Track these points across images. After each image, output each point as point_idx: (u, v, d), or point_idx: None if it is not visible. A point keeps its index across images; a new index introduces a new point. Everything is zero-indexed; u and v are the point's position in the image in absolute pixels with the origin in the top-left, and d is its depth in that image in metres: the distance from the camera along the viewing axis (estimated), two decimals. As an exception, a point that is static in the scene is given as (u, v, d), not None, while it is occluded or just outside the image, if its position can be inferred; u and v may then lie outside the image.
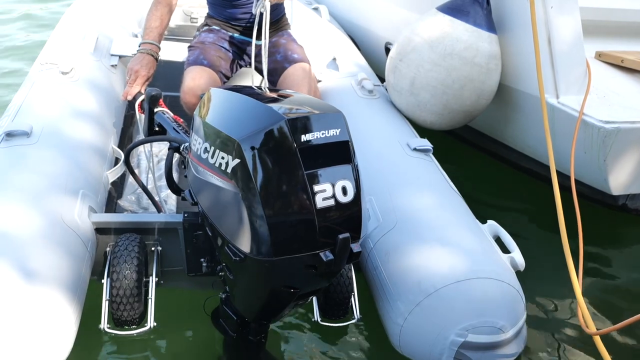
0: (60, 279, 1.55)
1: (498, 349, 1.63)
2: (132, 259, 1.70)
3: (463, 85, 2.43)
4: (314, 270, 1.38)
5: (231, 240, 1.42)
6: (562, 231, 2.01)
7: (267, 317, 1.61)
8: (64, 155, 1.92)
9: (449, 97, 2.46)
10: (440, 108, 2.50)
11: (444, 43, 2.41)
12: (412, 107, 2.55)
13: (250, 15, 2.72)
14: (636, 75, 2.66)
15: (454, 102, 2.47)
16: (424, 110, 2.52)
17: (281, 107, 1.39)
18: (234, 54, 2.71)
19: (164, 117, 2.01)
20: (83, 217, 1.76)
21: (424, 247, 1.74)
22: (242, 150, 1.34)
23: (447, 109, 2.49)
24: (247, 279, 1.51)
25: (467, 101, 2.48)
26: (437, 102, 2.48)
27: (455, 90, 2.44)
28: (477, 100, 2.49)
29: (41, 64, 2.44)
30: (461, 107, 2.49)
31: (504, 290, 1.65)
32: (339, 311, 1.84)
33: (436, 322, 1.61)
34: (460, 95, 2.45)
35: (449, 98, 2.46)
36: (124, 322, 1.71)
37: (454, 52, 2.40)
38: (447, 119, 2.55)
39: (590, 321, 1.79)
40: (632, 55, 2.73)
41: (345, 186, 1.37)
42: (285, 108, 1.39)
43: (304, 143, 1.33)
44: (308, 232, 1.33)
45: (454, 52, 2.40)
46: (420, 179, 2.04)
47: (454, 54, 2.40)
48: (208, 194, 1.47)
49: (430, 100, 2.48)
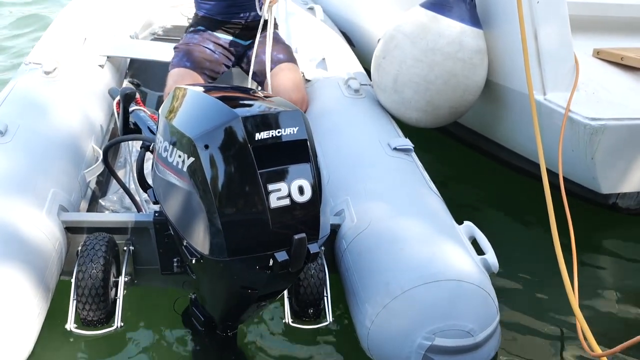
0: (21, 277, 1.54)
1: (467, 353, 1.58)
2: (98, 259, 1.69)
3: (446, 81, 2.39)
4: (270, 272, 1.35)
5: (188, 240, 1.40)
6: (555, 238, 1.93)
7: (231, 318, 1.59)
8: (37, 155, 1.92)
9: (432, 93, 2.42)
10: (424, 104, 2.46)
11: (426, 39, 2.38)
12: (397, 105, 2.51)
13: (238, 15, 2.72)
14: (636, 73, 2.59)
15: (438, 98, 2.43)
16: (409, 107, 2.49)
17: (238, 105, 1.37)
18: (220, 54, 2.71)
19: (140, 116, 2.00)
20: (52, 216, 1.75)
21: (394, 249, 1.71)
22: (196, 149, 1.32)
23: (431, 105, 2.46)
24: (207, 279, 1.50)
25: (452, 97, 2.44)
26: (420, 99, 2.45)
27: (438, 85, 2.40)
28: (463, 96, 2.45)
29: (25, 64, 2.45)
30: (446, 103, 2.45)
31: (474, 293, 1.61)
32: (311, 313, 1.81)
33: (403, 325, 1.58)
34: (443, 90, 2.41)
35: (432, 94, 2.42)
36: (90, 322, 1.70)
37: (436, 48, 2.36)
38: (432, 116, 2.51)
39: (594, 342, 1.68)
40: (633, 53, 2.65)
41: (302, 185, 1.34)
42: (242, 106, 1.37)
43: (259, 141, 1.31)
44: (262, 232, 1.31)
45: (436, 47, 2.36)
46: (398, 179, 2.00)
47: (436, 49, 2.36)
48: (167, 193, 1.45)
49: (414, 97, 2.45)
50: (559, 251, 1.90)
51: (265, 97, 1.48)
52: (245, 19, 2.71)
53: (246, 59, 2.77)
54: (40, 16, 5.22)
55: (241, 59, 2.79)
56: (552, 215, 1.98)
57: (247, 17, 2.71)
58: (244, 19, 2.71)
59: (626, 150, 2.27)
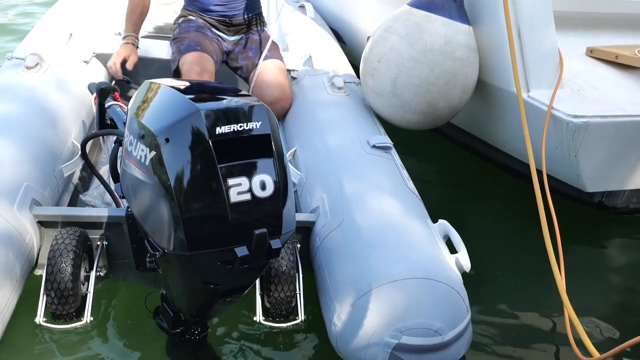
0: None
1: (435, 352, 1.56)
2: (68, 253, 1.69)
3: (447, 81, 2.36)
4: (231, 267, 1.34)
5: (151, 234, 1.40)
6: (547, 240, 1.90)
7: (198, 314, 1.58)
8: (11, 149, 1.91)
9: (434, 95, 2.38)
10: (425, 107, 2.42)
11: (423, 39, 2.34)
12: (396, 109, 2.46)
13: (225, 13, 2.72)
14: (630, 71, 2.54)
15: (440, 99, 2.39)
16: (408, 110, 2.44)
17: (202, 99, 1.36)
18: (215, 45, 2.70)
19: (117, 111, 2.00)
20: (23, 211, 1.75)
21: (365, 246, 1.69)
22: (157, 142, 1.31)
23: (433, 106, 2.42)
24: (171, 274, 1.49)
25: (452, 97, 2.40)
26: (421, 101, 2.40)
27: (440, 86, 2.36)
28: (461, 95, 2.43)
29: (8, 58, 2.45)
30: (446, 104, 2.42)
31: (443, 292, 1.59)
32: (282, 311, 1.80)
33: (370, 323, 1.56)
34: (445, 91, 2.38)
35: (434, 95, 2.38)
36: (59, 316, 1.70)
37: (434, 48, 2.33)
38: (433, 118, 2.48)
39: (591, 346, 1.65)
40: (627, 51, 2.60)
41: (264, 180, 1.33)
42: (207, 100, 1.36)
43: (219, 135, 1.29)
44: (221, 227, 1.30)
45: (434, 47, 2.33)
46: (375, 177, 1.99)
47: (435, 50, 2.33)
48: (132, 187, 1.44)
49: (414, 99, 2.40)
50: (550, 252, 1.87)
51: (233, 92, 1.47)
52: (232, 16, 2.72)
53: (232, 55, 2.77)
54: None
55: (228, 54, 2.79)
56: (543, 215, 1.95)
57: (234, 14, 2.72)
58: (231, 17, 2.71)
59: (611, 148, 2.24)
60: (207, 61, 2.53)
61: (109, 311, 1.86)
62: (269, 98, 2.50)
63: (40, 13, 4.92)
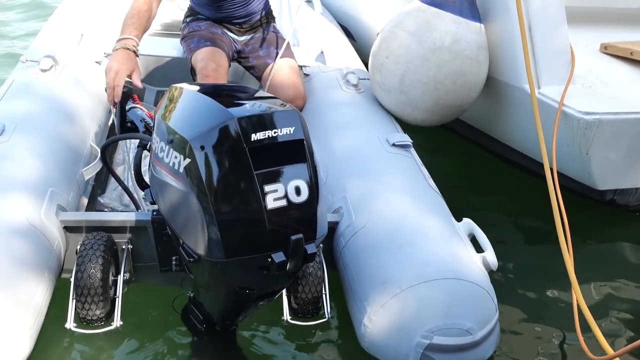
0: (21, 278, 1.55)
1: (466, 351, 1.58)
2: (97, 258, 1.69)
3: (455, 80, 2.35)
4: (267, 272, 1.35)
5: (185, 241, 1.40)
6: (561, 237, 1.90)
7: (230, 317, 1.59)
8: (34, 154, 1.91)
9: (440, 93, 2.37)
10: (431, 105, 2.41)
11: (432, 37, 2.32)
12: (402, 106, 2.45)
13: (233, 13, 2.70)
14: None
15: (446, 98, 2.39)
16: (415, 107, 2.43)
17: (233, 104, 1.36)
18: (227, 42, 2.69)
19: (137, 114, 1.99)
20: (50, 216, 1.75)
21: (392, 247, 1.70)
22: (192, 150, 1.32)
23: (439, 105, 2.41)
24: (204, 279, 1.50)
25: (460, 95, 2.40)
26: (428, 99, 2.39)
27: (447, 85, 2.35)
28: (469, 94, 2.42)
29: (22, 61, 2.44)
30: (453, 103, 2.41)
31: (472, 291, 1.60)
32: (309, 310, 1.81)
33: (401, 324, 1.57)
34: (452, 90, 2.37)
35: (441, 94, 2.37)
36: (89, 321, 1.71)
37: (443, 46, 2.31)
38: (438, 116, 2.48)
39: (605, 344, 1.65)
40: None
41: (298, 186, 1.34)
42: (238, 106, 1.36)
43: (255, 142, 1.30)
44: (259, 234, 1.31)
45: (443, 45, 2.31)
46: (396, 176, 1.99)
47: (444, 48, 2.31)
48: (164, 194, 1.45)
49: (422, 97, 2.39)
50: (564, 250, 1.88)
51: (262, 97, 1.47)
52: (241, 16, 2.70)
53: (243, 54, 2.76)
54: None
55: (239, 53, 2.78)
56: (557, 213, 1.95)
57: (243, 14, 2.70)
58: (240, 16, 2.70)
59: (623, 145, 2.23)
60: (221, 56, 2.51)
61: (137, 315, 1.87)
62: (284, 98, 2.48)
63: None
